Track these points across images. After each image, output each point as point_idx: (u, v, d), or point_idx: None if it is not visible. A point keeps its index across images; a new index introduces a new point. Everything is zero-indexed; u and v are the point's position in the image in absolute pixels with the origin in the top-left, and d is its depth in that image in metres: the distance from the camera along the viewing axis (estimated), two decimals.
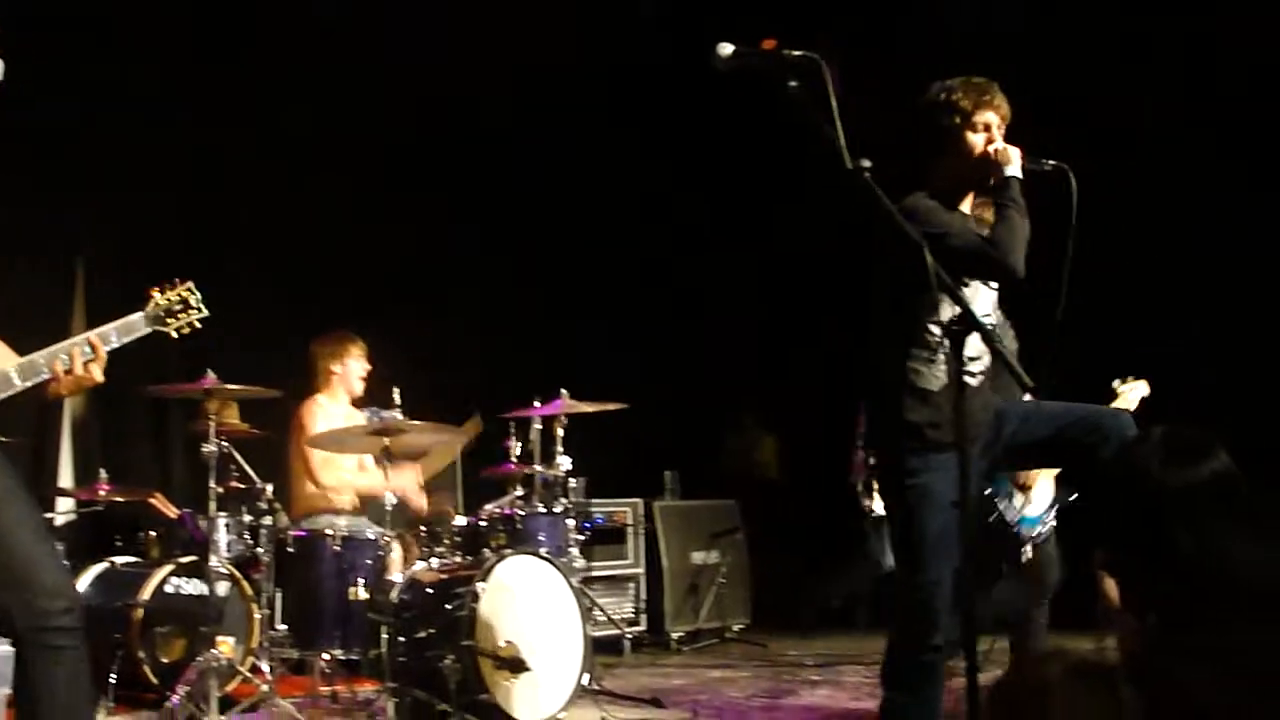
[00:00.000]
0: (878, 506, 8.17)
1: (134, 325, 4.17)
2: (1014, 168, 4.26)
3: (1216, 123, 8.51)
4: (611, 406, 7.28)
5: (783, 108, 3.33)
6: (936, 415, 4.13)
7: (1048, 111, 6.24)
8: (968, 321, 3.37)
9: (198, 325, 4.34)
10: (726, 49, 3.46)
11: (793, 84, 3.39)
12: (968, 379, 4.28)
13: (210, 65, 8.49)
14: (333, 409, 7.11)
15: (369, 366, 7.22)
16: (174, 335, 4.28)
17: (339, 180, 8.84)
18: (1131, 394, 5.93)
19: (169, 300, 4.26)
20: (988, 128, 4.31)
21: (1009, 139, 4.34)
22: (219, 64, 8.52)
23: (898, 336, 4.27)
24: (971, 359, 4.23)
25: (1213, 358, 8.24)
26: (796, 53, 3.41)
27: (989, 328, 3.61)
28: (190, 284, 4.34)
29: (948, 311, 3.82)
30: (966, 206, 4.41)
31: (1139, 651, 2.46)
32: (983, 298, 4.38)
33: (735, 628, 9.83)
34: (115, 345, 4.09)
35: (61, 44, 7.58)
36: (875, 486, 8.09)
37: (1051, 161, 4.29)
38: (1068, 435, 4.37)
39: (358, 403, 7.23)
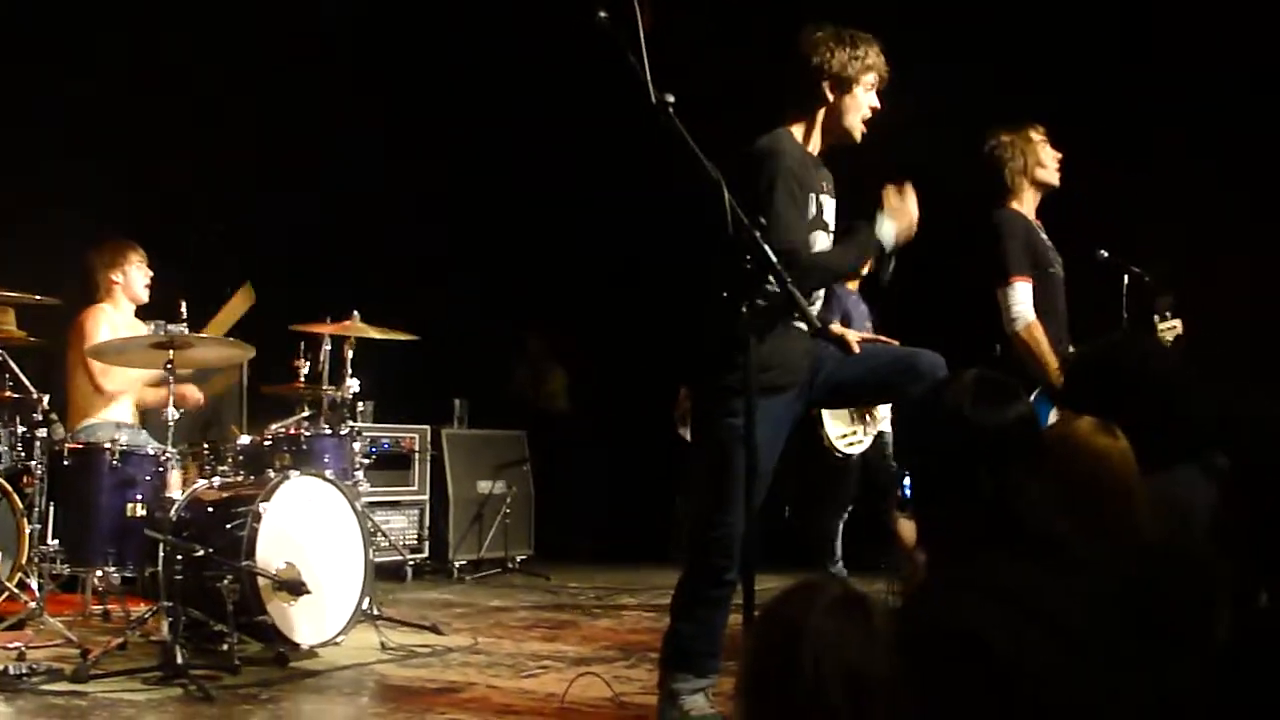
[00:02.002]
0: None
1: None
2: (889, 234, 4.37)
3: None
4: (401, 337, 7.21)
5: (593, 38, 3.33)
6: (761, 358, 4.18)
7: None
8: (760, 262, 3.42)
9: None
10: None
11: (601, 15, 3.39)
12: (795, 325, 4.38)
13: None
14: (117, 317, 6.89)
15: (151, 273, 7.03)
16: None
17: (125, 82, 8.53)
18: (1169, 334, 5.82)
19: None
20: (870, 88, 4.39)
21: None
22: None
23: (724, 278, 4.29)
24: None
25: None
26: None
27: (779, 268, 3.64)
28: None
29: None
30: (814, 145, 4.47)
31: (921, 584, 2.53)
32: (820, 244, 4.43)
33: (518, 558, 9.88)
34: None
35: None
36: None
37: None
38: (880, 376, 4.48)
39: (142, 313, 7.02)
